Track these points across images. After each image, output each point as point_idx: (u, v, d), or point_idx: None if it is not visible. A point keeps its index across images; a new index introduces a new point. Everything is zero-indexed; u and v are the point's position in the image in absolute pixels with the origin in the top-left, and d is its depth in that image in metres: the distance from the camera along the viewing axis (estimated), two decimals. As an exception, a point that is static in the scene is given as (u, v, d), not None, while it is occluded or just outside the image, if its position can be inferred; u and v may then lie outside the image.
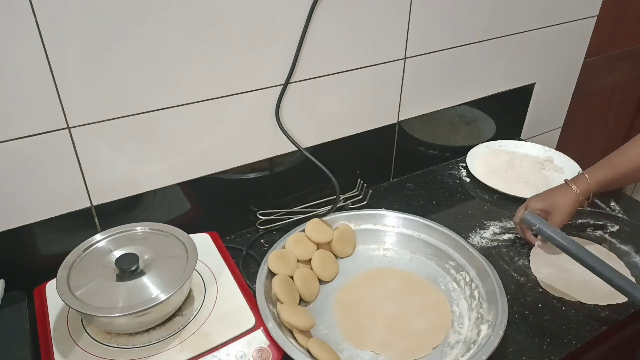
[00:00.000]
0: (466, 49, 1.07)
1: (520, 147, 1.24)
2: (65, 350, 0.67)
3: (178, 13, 0.73)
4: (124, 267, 0.68)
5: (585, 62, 1.36)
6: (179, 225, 0.77)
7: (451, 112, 1.16)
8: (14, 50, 0.65)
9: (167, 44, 0.74)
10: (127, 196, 0.83)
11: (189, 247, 0.73)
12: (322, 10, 0.84)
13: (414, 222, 0.94)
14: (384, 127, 1.06)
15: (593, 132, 1.65)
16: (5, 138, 0.69)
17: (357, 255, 0.93)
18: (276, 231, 0.97)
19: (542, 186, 1.10)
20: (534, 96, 1.30)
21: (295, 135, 0.93)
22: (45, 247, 0.80)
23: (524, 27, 1.14)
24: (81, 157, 0.76)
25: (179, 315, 0.73)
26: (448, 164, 1.21)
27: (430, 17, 0.98)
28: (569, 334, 0.77)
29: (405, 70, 1.01)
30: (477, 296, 0.82)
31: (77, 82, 0.70)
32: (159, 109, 0.78)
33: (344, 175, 1.04)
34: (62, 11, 0.65)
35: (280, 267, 0.82)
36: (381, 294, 0.85)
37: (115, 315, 0.64)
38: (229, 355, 0.68)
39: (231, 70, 0.81)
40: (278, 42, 0.83)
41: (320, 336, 0.77)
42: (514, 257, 0.92)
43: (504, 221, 1.01)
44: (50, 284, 0.76)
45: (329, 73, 0.92)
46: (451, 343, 0.77)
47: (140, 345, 0.68)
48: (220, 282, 0.78)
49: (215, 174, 0.90)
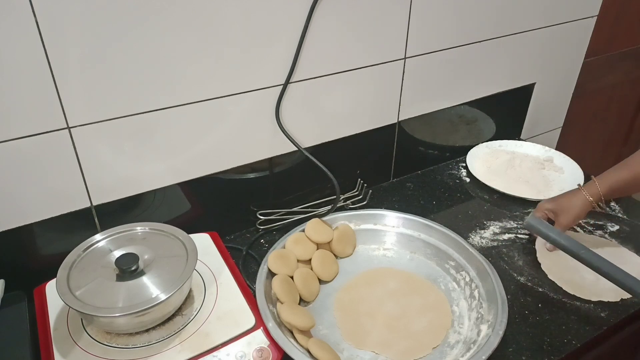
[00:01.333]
0: (466, 49, 1.07)
1: (520, 147, 1.24)
2: (65, 350, 0.67)
3: (178, 13, 0.73)
4: (124, 267, 0.68)
5: (585, 62, 1.36)
6: (179, 225, 0.77)
7: (451, 112, 1.16)
8: (14, 50, 0.65)
9: (167, 44, 0.74)
10: (127, 196, 0.83)
11: (189, 247, 0.73)
12: (322, 10, 0.84)
13: (414, 222, 0.94)
14: (384, 127, 1.06)
15: (593, 132, 1.65)
16: (5, 138, 0.69)
17: (357, 255, 0.93)
18: (276, 231, 0.97)
19: (542, 186, 1.11)
20: (534, 96, 1.30)
21: (295, 135, 0.93)
22: (45, 247, 0.80)
23: (524, 27, 1.14)
24: (81, 157, 0.76)
25: (179, 315, 0.73)
26: (448, 164, 1.21)
27: (430, 17, 0.98)
28: (569, 334, 0.77)
29: (405, 70, 1.01)
30: (477, 296, 0.82)
31: (77, 82, 0.70)
32: (159, 109, 0.78)
33: (344, 175, 1.04)
34: (62, 11, 0.65)
35: (280, 267, 0.82)
36: (381, 294, 0.85)
37: (115, 315, 0.64)
38: (229, 355, 0.68)
39: (231, 70, 0.81)
40: (278, 42, 0.83)
41: (320, 336, 0.77)
42: (514, 257, 0.92)
43: (504, 221, 1.01)
44: (50, 284, 0.76)
45: (329, 73, 0.92)
46: (451, 343, 0.77)
47: (140, 345, 0.68)
48: (220, 282, 0.78)
49: (215, 174, 0.90)
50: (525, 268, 0.90)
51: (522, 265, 0.90)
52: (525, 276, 0.88)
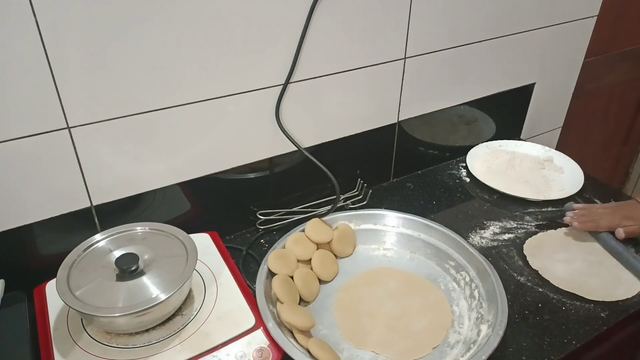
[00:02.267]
0: (466, 49, 1.07)
1: (520, 147, 1.24)
2: (65, 350, 0.67)
3: (178, 13, 0.73)
4: (124, 267, 0.68)
5: (585, 62, 1.36)
6: (179, 225, 0.77)
7: (451, 112, 1.16)
8: (14, 50, 0.65)
9: (168, 44, 0.74)
10: (127, 196, 0.83)
11: (189, 247, 0.73)
12: (322, 10, 0.84)
13: (414, 222, 0.94)
14: (384, 127, 1.06)
15: (593, 132, 1.65)
16: (5, 138, 0.69)
17: (357, 255, 0.93)
18: (276, 231, 0.97)
19: (542, 186, 1.11)
20: (534, 96, 1.30)
21: (295, 135, 0.93)
22: (45, 247, 0.80)
23: (524, 27, 1.14)
24: (81, 157, 0.76)
25: (179, 315, 0.73)
26: (448, 164, 1.21)
27: (430, 17, 0.98)
28: (569, 334, 0.77)
29: (405, 70, 1.01)
30: (477, 296, 0.82)
31: (77, 82, 0.70)
32: (159, 109, 0.78)
33: (344, 175, 1.04)
34: (62, 11, 0.65)
35: (280, 267, 0.82)
36: (381, 294, 0.85)
37: (115, 315, 0.64)
38: (229, 355, 0.68)
39: (231, 70, 0.81)
40: (278, 42, 0.83)
41: (320, 336, 0.77)
42: (514, 257, 0.92)
43: (504, 221, 1.01)
44: (50, 284, 0.76)
45: (329, 73, 0.92)
46: (451, 343, 0.77)
47: (140, 345, 0.68)
48: (220, 282, 0.78)
49: (215, 174, 0.90)
50: (525, 268, 0.90)
51: (522, 265, 0.90)
52: (525, 276, 0.88)
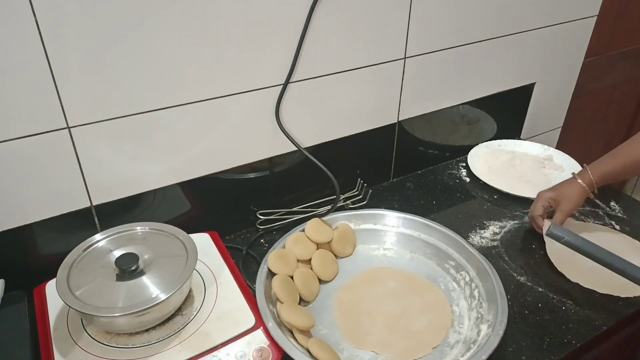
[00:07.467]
0: (466, 48, 1.07)
1: (519, 146, 1.24)
2: (65, 350, 0.67)
3: (178, 13, 0.73)
4: (124, 267, 0.68)
5: (585, 62, 1.36)
6: (179, 225, 0.77)
7: (451, 111, 1.15)
8: (14, 50, 0.65)
9: (168, 44, 0.74)
10: (127, 196, 0.83)
11: (189, 247, 0.73)
12: (322, 10, 0.84)
13: (414, 222, 0.94)
14: (384, 126, 1.06)
15: (593, 131, 1.65)
16: (5, 138, 0.69)
17: (357, 255, 0.93)
18: (276, 231, 0.97)
19: (543, 185, 1.10)
20: (534, 96, 1.30)
21: (295, 135, 0.93)
22: (45, 247, 0.80)
23: (524, 27, 1.14)
24: (81, 157, 0.76)
25: (179, 315, 0.73)
26: (448, 164, 1.21)
27: (430, 17, 0.98)
28: (569, 334, 0.77)
29: (405, 69, 1.01)
30: (477, 296, 0.82)
31: (77, 82, 0.70)
32: (159, 109, 0.78)
33: (344, 175, 1.04)
34: (62, 11, 0.65)
35: (280, 267, 0.82)
36: (381, 293, 0.85)
37: (115, 315, 0.64)
38: (229, 355, 0.68)
39: (231, 70, 0.81)
40: (278, 41, 0.83)
41: (320, 336, 0.77)
42: (514, 257, 0.92)
43: (504, 221, 1.01)
44: (50, 283, 0.76)
45: (329, 73, 0.92)
46: (451, 343, 0.77)
47: (140, 345, 0.68)
48: (220, 282, 0.78)
49: (215, 174, 0.90)
50: (525, 268, 0.90)
51: (522, 265, 0.90)
52: (525, 276, 0.88)
